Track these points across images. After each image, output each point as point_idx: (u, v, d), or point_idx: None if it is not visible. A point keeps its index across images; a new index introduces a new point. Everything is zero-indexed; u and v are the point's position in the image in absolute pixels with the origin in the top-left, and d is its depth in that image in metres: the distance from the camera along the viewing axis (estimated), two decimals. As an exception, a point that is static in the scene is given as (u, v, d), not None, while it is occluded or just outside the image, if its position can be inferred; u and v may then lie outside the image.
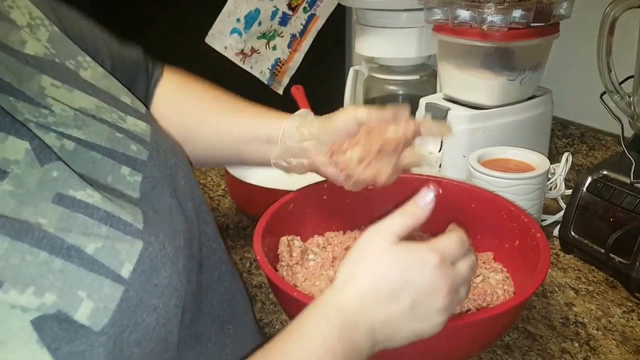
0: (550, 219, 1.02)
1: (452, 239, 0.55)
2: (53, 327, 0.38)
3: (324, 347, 0.48)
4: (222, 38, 1.37)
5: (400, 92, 1.32)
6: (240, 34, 1.39)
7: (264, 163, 0.75)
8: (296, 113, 0.75)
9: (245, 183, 1.01)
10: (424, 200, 0.54)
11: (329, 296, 0.52)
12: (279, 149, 0.72)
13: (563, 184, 1.06)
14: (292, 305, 0.63)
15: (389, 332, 0.51)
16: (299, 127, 0.72)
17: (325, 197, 0.85)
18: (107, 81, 0.58)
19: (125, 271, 0.43)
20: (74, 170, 0.45)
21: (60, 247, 0.41)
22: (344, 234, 0.89)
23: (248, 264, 0.95)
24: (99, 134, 0.51)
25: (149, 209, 0.49)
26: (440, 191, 0.56)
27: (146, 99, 0.75)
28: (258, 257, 0.67)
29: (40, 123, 0.47)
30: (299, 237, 0.81)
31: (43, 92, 0.49)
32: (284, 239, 0.79)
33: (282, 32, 1.46)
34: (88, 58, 0.58)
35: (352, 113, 0.70)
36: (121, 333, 0.42)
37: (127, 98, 0.59)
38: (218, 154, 0.78)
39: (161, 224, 0.49)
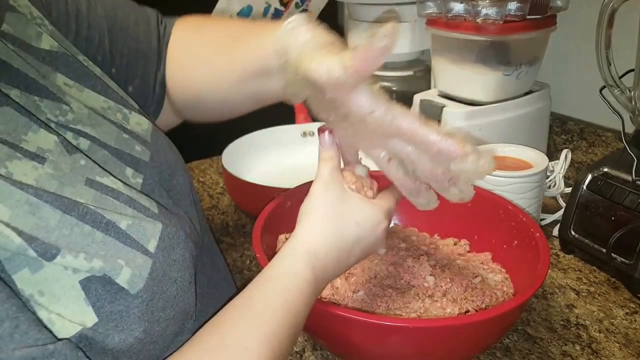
0: (550, 218, 1.01)
1: (394, 203, 0.63)
2: (98, 288, 0.45)
3: (307, 305, 0.54)
4: (213, 35, 1.35)
5: (393, 88, 1.31)
6: (231, 30, 1.37)
7: (278, 99, 0.66)
8: (286, 22, 0.60)
9: (244, 181, 1.01)
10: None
11: (298, 242, 0.57)
12: (280, 82, 0.61)
13: (562, 181, 1.05)
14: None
15: (336, 270, 0.58)
16: (287, 38, 0.58)
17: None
18: (107, 80, 0.62)
19: (152, 246, 0.49)
20: (95, 162, 0.52)
21: (100, 221, 0.47)
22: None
23: (248, 262, 0.95)
24: (109, 134, 0.56)
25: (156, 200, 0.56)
26: None
27: (159, 53, 0.71)
28: (257, 255, 0.66)
29: (60, 122, 0.53)
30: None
31: (62, 89, 0.55)
32: (282, 237, 0.79)
33: (273, 28, 1.44)
34: (86, 57, 0.61)
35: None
36: (152, 299, 0.48)
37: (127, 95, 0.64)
38: (237, 97, 0.68)
39: (169, 210, 0.56)
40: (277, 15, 1.43)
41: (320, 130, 0.61)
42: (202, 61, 0.68)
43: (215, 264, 0.71)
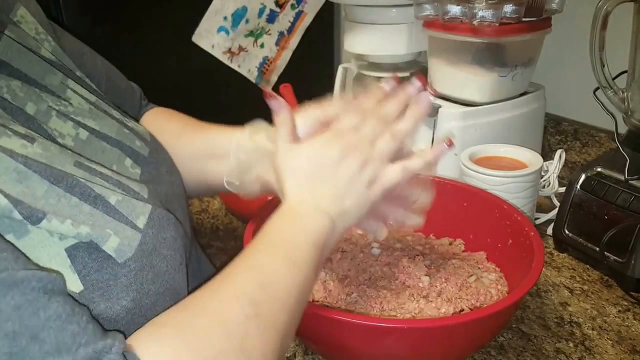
0: (544, 217, 1.01)
1: (346, 116, 0.61)
2: (84, 256, 0.45)
3: (283, 229, 0.54)
4: (209, 36, 1.35)
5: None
6: (227, 32, 1.37)
7: (218, 187, 0.72)
8: (251, 123, 0.70)
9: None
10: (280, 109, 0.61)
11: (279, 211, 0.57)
12: (230, 164, 0.69)
13: (556, 181, 1.06)
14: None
15: (334, 204, 0.56)
16: (251, 136, 0.68)
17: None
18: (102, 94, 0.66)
19: (141, 223, 0.50)
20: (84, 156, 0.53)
21: (89, 194, 0.47)
22: (334, 234, 0.88)
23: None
24: (110, 127, 0.59)
25: (150, 189, 0.56)
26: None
27: (137, 119, 0.78)
28: None
29: (62, 111, 0.54)
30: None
31: (62, 86, 0.57)
32: None
33: (269, 29, 1.44)
34: (83, 74, 0.65)
35: (311, 112, 0.65)
36: (141, 269, 0.48)
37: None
38: (188, 178, 0.75)
39: (160, 201, 0.56)
40: (273, 16, 1.43)
41: (268, 96, 0.61)
42: (163, 140, 0.71)
43: (204, 272, 0.71)
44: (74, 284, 0.44)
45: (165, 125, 0.77)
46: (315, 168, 0.57)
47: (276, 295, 0.49)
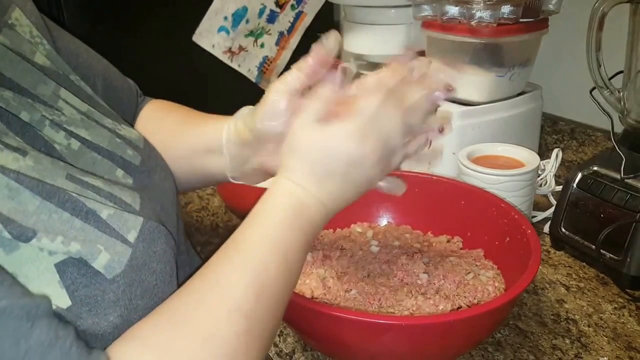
0: (541, 216, 1.02)
1: (372, 101, 0.59)
2: (73, 272, 0.44)
3: (285, 227, 0.53)
4: (210, 36, 1.36)
5: (389, 88, 1.31)
6: (227, 32, 1.37)
7: (223, 179, 0.71)
8: (236, 113, 0.69)
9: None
10: (333, 82, 0.59)
11: (276, 187, 0.56)
12: (228, 161, 0.68)
13: (553, 180, 1.06)
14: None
15: (335, 198, 0.56)
16: (236, 129, 0.67)
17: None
18: (97, 98, 0.66)
19: (132, 237, 0.49)
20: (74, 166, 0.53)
21: (81, 209, 0.47)
22: (334, 232, 0.89)
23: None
24: (102, 137, 0.58)
25: (142, 198, 0.56)
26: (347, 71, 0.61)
27: (132, 121, 0.78)
28: None
29: (55, 121, 0.54)
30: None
31: (54, 96, 0.57)
32: None
33: (269, 29, 1.45)
34: (78, 77, 0.64)
35: (277, 87, 0.61)
36: (130, 285, 0.47)
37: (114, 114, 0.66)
38: (190, 173, 0.74)
39: (152, 210, 0.56)
40: (273, 16, 1.44)
41: (333, 67, 0.62)
42: (160, 139, 0.71)
43: None
44: (62, 300, 0.44)
45: (161, 124, 0.76)
46: (329, 166, 0.56)
47: (269, 305, 0.49)
